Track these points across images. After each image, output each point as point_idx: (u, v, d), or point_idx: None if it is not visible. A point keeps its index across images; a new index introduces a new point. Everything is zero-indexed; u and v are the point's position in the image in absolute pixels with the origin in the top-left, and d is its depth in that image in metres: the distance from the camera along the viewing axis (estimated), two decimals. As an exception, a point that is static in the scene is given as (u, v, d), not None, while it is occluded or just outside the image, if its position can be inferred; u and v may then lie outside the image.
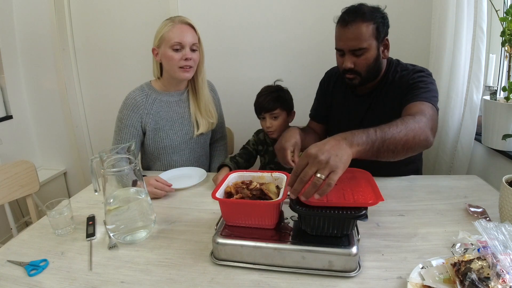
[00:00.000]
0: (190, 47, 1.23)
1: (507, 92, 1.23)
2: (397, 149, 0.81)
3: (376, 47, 1.08)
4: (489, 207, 0.92)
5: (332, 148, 0.71)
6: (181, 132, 1.37)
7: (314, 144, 0.72)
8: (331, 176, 0.67)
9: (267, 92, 1.37)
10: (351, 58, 1.10)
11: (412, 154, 0.87)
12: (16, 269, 0.78)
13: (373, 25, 1.06)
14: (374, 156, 0.79)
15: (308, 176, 0.68)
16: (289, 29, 1.85)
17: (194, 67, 1.27)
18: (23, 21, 2.12)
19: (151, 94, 1.31)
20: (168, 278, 0.73)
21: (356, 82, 1.14)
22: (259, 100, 1.37)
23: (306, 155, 0.70)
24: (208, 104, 1.39)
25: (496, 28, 1.41)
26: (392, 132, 0.81)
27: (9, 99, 2.15)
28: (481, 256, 0.62)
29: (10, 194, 1.42)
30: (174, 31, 1.21)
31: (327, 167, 0.68)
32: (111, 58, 2.16)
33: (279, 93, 1.37)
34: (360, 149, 0.75)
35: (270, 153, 1.44)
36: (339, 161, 0.69)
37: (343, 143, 0.73)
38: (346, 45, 1.09)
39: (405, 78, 1.12)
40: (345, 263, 0.70)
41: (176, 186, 1.16)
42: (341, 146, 0.72)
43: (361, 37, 1.05)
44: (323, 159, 0.68)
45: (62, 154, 2.38)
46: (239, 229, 0.79)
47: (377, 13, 1.08)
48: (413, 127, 0.85)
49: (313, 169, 0.68)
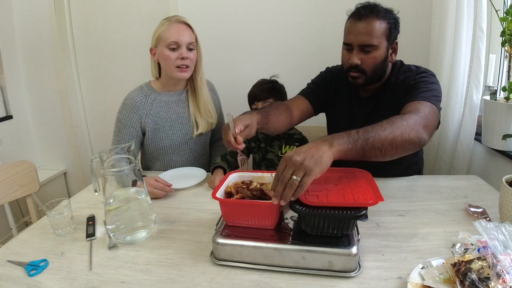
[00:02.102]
0: (186, 46, 1.23)
1: (507, 92, 1.23)
2: (385, 147, 0.80)
3: (386, 47, 1.06)
4: (489, 207, 0.92)
5: (308, 150, 0.72)
6: (181, 132, 1.37)
7: (293, 150, 0.74)
8: (304, 179, 0.68)
9: (263, 82, 1.42)
10: (359, 54, 1.06)
11: (406, 153, 0.86)
12: (16, 269, 0.78)
13: (386, 25, 1.04)
14: (360, 156, 0.79)
15: (287, 179, 0.69)
16: (289, 29, 1.85)
17: (191, 66, 1.27)
18: (23, 21, 2.12)
19: (150, 94, 1.31)
20: (168, 278, 0.73)
21: (359, 82, 1.11)
22: (253, 90, 1.42)
23: (284, 158, 0.72)
24: (207, 104, 1.38)
25: (496, 28, 1.41)
26: (376, 130, 0.80)
27: (9, 99, 2.15)
28: (481, 256, 0.61)
29: (10, 194, 1.42)
30: (170, 30, 1.21)
31: (301, 168, 0.69)
32: (111, 58, 2.16)
33: (273, 85, 1.41)
34: (342, 149, 0.76)
35: (263, 150, 1.44)
36: (314, 163, 0.70)
37: (322, 144, 0.74)
38: (356, 39, 1.05)
39: (407, 80, 1.10)
40: (345, 263, 0.70)
41: (176, 186, 1.16)
42: (319, 148, 0.73)
43: (373, 33, 1.02)
44: (298, 161, 0.69)
45: (62, 154, 2.38)
46: (239, 229, 0.79)
47: (391, 14, 1.06)
48: (400, 125, 0.84)
49: (289, 171, 0.70)
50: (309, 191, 0.77)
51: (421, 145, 0.89)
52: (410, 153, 0.88)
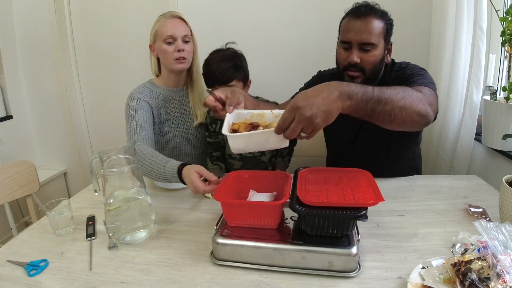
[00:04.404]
0: (182, 39, 1.26)
1: (507, 92, 1.23)
2: (395, 112, 0.77)
3: (383, 47, 1.07)
4: (489, 207, 0.92)
5: (322, 101, 0.67)
6: (183, 127, 1.39)
7: (304, 93, 0.69)
8: (311, 134, 0.67)
9: (222, 59, 1.21)
10: (358, 53, 1.04)
11: (411, 127, 0.83)
12: (16, 269, 0.78)
13: (384, 25, 1.05)
14: (367, 116, 0.76)
15: (295, 134, 0.68)
16: (289, 28, 1.85)
17: (189, 58, 1.30)
18: (23, 21, 2.12)
19: (154, 90, 1.33)
20: (168, 278, 0.73)
21: (358, 82, 1.09)
22: (212, 69, 1.21)
23: (293, 107, 0.67)
24: (203, 92, 1.40)
25: (496, 28, 1.41)
26: (390, 93, 0.77)
27: (9, 99, 2.15)
28: (481, 256, 0.61)
29: (10, 194, 1.42)
30: (166, 25, 1.25)
31: (311, 125, 0.66)
32: (111, 58, 2.16)
33: (235, 61, 1.22)
34: (352, 105, 0.72)
35: None
36: (324, 120, 0.67)
37: (336, 98, 0.70)
38: (356, 37, 1.03)
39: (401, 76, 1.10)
40: (345, 263, 0.70)
41: (176, 186, 1.16)
42: (332, 101, 0.69)
43: (373, 31, 1.02)
44: (309, 117, 0.66)
45: (62, 154, 2.38)
46: (239, 229, 0.79)
47: (387, 15, 1.08)
48: (411, 93, 0.81)
49: (299, 126, 0.67)
50: (309, 191, 0.77)
51: (427, 122, 0.86)
52: (415, 129, 0.86)
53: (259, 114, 0.84)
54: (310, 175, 0.87)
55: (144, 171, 1.09)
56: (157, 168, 1.06)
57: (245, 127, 0.79)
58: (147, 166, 1.08)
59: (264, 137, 0.73)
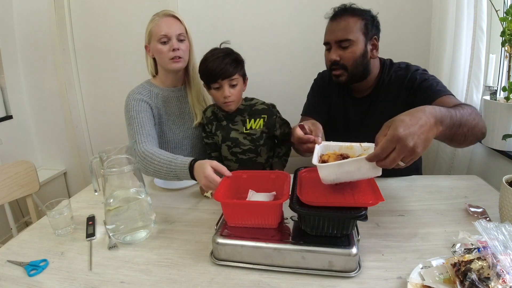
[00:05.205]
0: (177, 38, 1.25)
1: (507, 92, 1.23)
2: (468, 133, 0.79)
3: (364, 42, 1.08)
4: (489, 207, 0.92)
5: (421, 130, 0.67)
6: (183, 127, 1.38)
7: (403, 122, 0.67)
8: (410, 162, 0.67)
9: (222, 54, 1.17)
10: (337, 51, 1.09)
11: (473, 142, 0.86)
12: (16, 269, 0.78)
13: (361, 21, 1.07)
14: (447, 139, 0.77)
15: (395, 164, 0.67)
16: (288, 30, 1.85)
17: (184, 57, 1.29)
18: (23, 21, 2.12)
19: (152, 90, 1.33)
20: (168, 278, 0.73)
21: (343, 79, 1.12)
22: (213, 65, 1.15)
23: (394, 137, 0.65)
24: (201, 90, 1.39)
25: (496, 28, 1.41)
26: (463, 114, 0.78)
27: (9, 99, 2.15)
28: (481, 256, 0.61)
29: (10, 194, 1.42)
30: (159, 24, 1.24)
31: (412, 155, 0.66)
32: (111, 58, 2.16)
33: (235, 56, 1.20)
34: (442, 130, 0.73)
35: (225, 128, 1.27)
36: (423, 148, 0.67)
37: (433, 125, 0.70)
38: (333, 37, 1.08)
39: (403, 77, 1.11)
40: (345, 263, 0.70)
41: (176, 186, 1.16)
42: (431, 129, 0.69)
43: (348, 29, 1.06)
44: (411, 147, 0.65)
45: (62, 154, 2.38)
46: (239, 229, 0.79)
47: (367, 12, 1.10)
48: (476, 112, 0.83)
49: (400, 156, 0.66)
50: (309, 191, 0.77)
51: (483, 137, 0.89)
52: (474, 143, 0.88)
53: (347, 146, 0.85)
54: (310, 175, 0.87)
55: (152, 170, 1.08)
56: (166, 166, 1.05)
57: (335, 158, 0.80)
58: (155, 164, 1.07)
59: (356, 166, 0.72)
